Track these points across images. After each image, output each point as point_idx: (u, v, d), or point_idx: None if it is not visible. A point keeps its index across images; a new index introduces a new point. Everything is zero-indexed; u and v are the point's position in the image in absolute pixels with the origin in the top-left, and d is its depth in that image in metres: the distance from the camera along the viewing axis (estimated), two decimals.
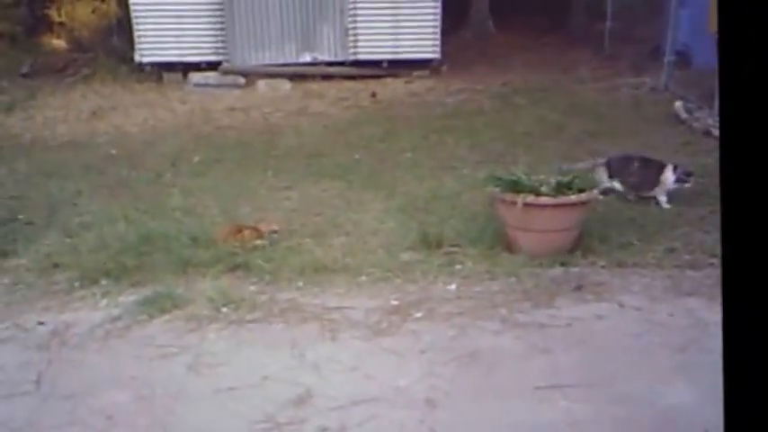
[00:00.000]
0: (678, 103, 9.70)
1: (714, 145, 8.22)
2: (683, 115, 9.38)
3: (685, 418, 3.60)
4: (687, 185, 6.21)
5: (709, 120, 8.97)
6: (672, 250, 5.57)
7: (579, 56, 14.45)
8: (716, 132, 8.48)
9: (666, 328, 4.46)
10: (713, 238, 5.72)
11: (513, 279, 5.11)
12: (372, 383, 3.91)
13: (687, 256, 5.47)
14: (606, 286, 5.01)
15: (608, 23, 14.82)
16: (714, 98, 9.18)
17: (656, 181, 6.28)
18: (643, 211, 6.32)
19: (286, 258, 5.41)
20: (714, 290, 4.91)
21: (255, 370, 4.05)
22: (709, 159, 7.66)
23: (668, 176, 6.22)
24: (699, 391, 3.81)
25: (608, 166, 6.55)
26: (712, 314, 4.60)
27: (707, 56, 10.90)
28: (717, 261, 5.33)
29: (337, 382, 3.94)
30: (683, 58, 11.92)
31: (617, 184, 6.50)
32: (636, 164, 6.45)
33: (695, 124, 9.02)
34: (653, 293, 4.91)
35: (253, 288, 5.03)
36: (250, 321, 4.59)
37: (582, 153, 7.93)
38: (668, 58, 11.52)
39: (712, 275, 5.14)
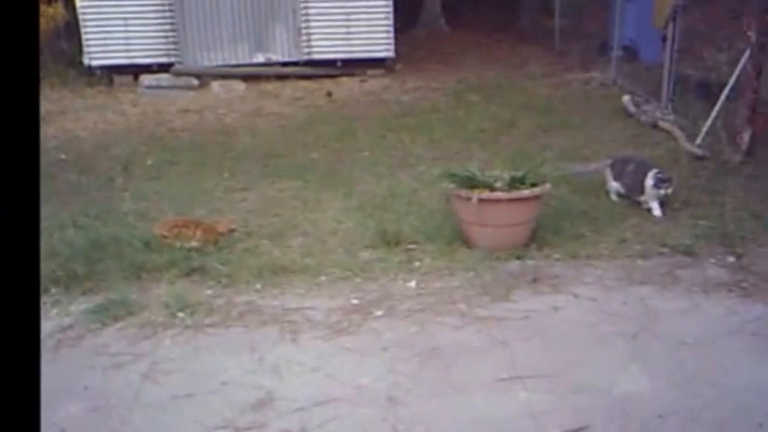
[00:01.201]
0: (626, 97, 9.82)
1: (661, 137, 8.37)
2: (632, 109, 9.50)
3: (641, 405, 3.67)
4: (662, 191, 6.07)
5: (657, 113, 9.09)
6: (623, 241, 5.66)
7: (530, 52, 14.59)
8: (663, 125, 8.62)
9: (620, 317, 4.53)
10: (662, 229, 5.84)
11: (471, 274, 5.15)
12: (334, 383, 3.92)
13: (638, 247, 5.56)
14: (561, 278, 5.08)
15: (557, 20, 14.99)
16: (660, 92, 9.34)
17: (642, 186, 6.19)
18: (594, 203, 6.39)
19: (243, 260, 5.38)
20: (665, 278, 5.02)
21: (214, 375, 4.03)
22: (657, 151, 7.81)
23: (649, 182, 6.11)
24: (653, 377, 3.89)
25: (612, 168, 6.52)
26: (664, 302, 4.70)
27: (652, 51, 11.11)
28: (667, 250, 5.44)
29: (298, 383, 3.94)
30: (630, 53, 12.10)
31: (618, 186, 6.46)
32: (631, 166, 6.37)
33: (643, 117, 9.14)
34: (606, 283, 4.99)
35: (209, 292, 4.99)
36: (207, 326, 4.55)
37: (535, 148, 8.02)
38: (615, 53, 11.67)
39: (663, 264, 5.24)
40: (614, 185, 6.46)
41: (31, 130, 1.00)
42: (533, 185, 5.52)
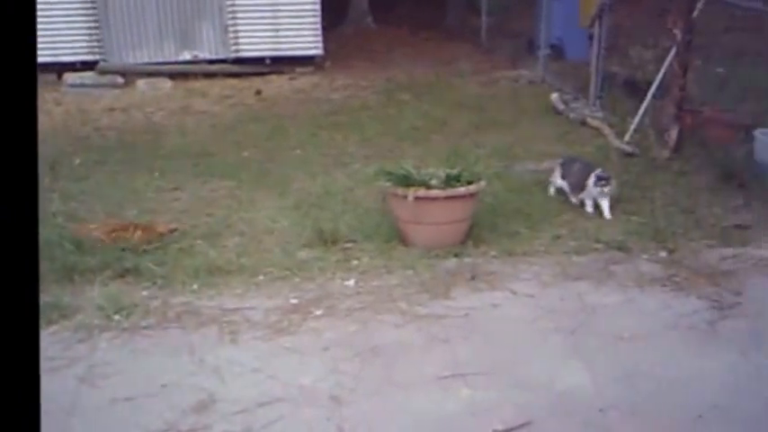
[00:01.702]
0: (555, 95, 9.94)
1: (591, 135, 8.52)
2: (560, 107, 9.62)
3: (582, 399, 3.74)
4: (598, 188, 6.06)
5: (585, 110, 9.24)
6: (557, 237, 5.74)
7: (458, 50, 14.69)
8: (591, 122, 8.77)
9: (558, 313, 4.60)
10: (595, 225, 5.93)
11: (409, 272, 5.16)
12: (276, 384, 3.90)
13: (572, 243, 5.64)
14: (498, 275, 5.13)
15: (484, 18, 15.14)
16: (588, 89, 9.51)
17: (584, 184, 6.20)
18: (528, 200, 6.46)
19: (178, 261, 5.30)
20: (600, 274, 5.11)
21: (153, 378, 3.97)
22: (587, 148, 7.93)
23: (590, 180, 6.11)
24: (593, 372, 3.96)
25: (561, 166, 6.51)
26: (600, 297, 4.79)
27: (579, 49, 11.31)
28: (601, 246, 5.53)
29: (240, 384, 3.91)
30: (557, 52, 12.29)
31: (563, 184, 6.45)
32: (577, 166, 6.38)
33: (572, 115, 9.26)
34: (543, 280, 5.05)
35: (145, 293, 4.90)
36: (144, 328, 4.48)
37: (468, 146, 8.07)
38: (543, 51, 11.83)
39: (597, 260, 5.33)
40: (559, 182, 6.49)
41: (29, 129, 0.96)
42: (469, 183, 5.57)
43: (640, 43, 9.73)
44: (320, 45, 13.24)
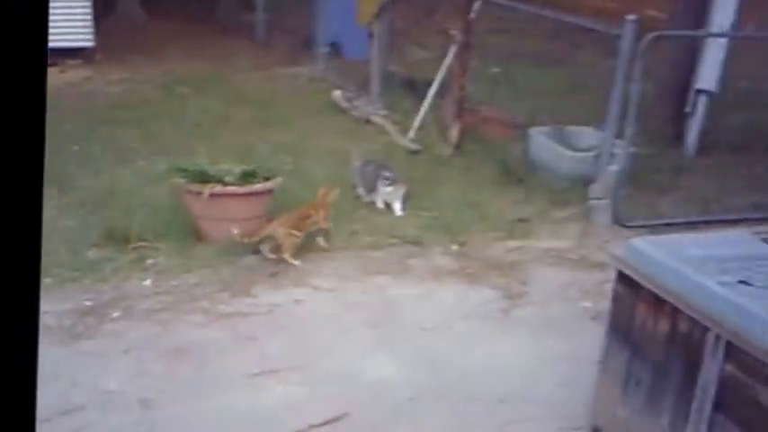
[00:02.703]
0: (337, 92, 10.04)
1: (375, 132, 8.72)
2: (344, 104, 9.74)
3: (392, 389, 3.87)
4: (388, 189, 6.21)
5: (368, 108, 9.42)
6: (354, 233, 5.84)
7: (234, 45, 14.50)
8: (375, 120, 8.97)
9: (361, 307, 4.73)
10: (389, 221, 6.11)
11: (209, 270, 5.09)
12: (79, 390, 3.75)
13: (368, 238, 5.76)
14: (299, 271, 5.18)
15: (260, 13, 15.05)
16: (368, 87, 9.72)
17: (375, 186, 6.29)
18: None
19: None
20: (398, 267, 5.28)
21: None
22: (373, 146, 8.10)
23: (380, 182, 6.24)
24: (399, 363, 4.12)
25: (361, 170, 6.54)
26: (400, 290, 4.96)
27: (357, 47, 11.49)
28: (396, 241, 5.71)
29: (39, 392, 3.66)
30: (336, 49, 12.42)
31: (360, 185, 6.49)
32: (371, 168, 6.44)
33: (355, 113, 9.40)
34: (343, 275, 5.16)
35: None
36: None
37: (254, 142, 8.02)
38: (322, 49, 11.92)
39: (394, 254, 5.50)
40: (360, 184, 6.53)
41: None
42: (265, 179, 5.58)
43: (415, 43, 10.04)
44: (91, 37, 12.64)
